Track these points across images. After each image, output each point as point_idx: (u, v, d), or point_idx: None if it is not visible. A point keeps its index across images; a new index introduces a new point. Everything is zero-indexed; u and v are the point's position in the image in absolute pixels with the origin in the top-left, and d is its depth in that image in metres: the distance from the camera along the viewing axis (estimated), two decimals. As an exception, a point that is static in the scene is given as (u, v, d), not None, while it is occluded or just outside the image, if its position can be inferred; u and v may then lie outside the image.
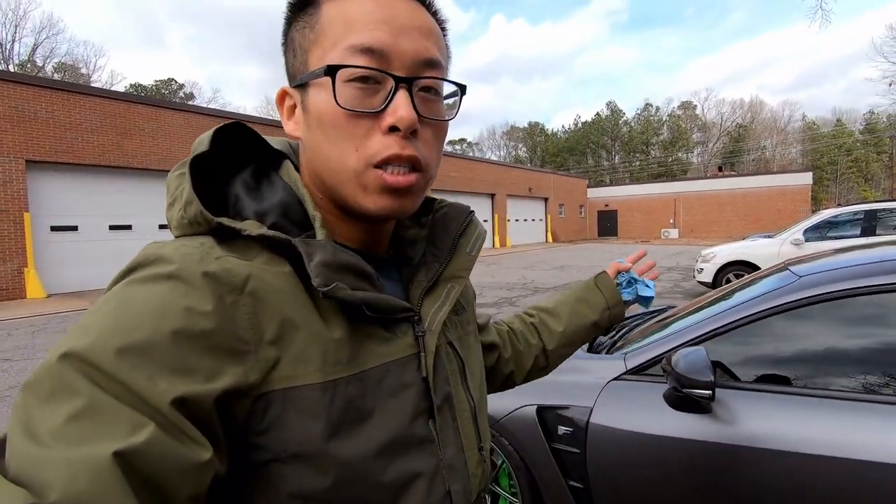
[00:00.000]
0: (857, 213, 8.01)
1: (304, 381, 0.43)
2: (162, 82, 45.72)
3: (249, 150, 0.55)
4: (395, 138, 0.47)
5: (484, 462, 0.59)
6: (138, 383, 0.36)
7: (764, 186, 28.82)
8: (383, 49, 0.46)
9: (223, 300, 0.42)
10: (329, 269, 0.45)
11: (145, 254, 0.44)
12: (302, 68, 0.50)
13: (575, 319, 0.92)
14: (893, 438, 1.25)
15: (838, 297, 1.47)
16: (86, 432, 0.33)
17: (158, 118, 11.67)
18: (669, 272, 12.45)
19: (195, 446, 0.37)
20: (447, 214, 0.62)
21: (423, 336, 0.53)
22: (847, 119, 52.32)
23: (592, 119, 59.45)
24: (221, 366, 0.40)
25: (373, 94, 0.47)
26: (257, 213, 0.49)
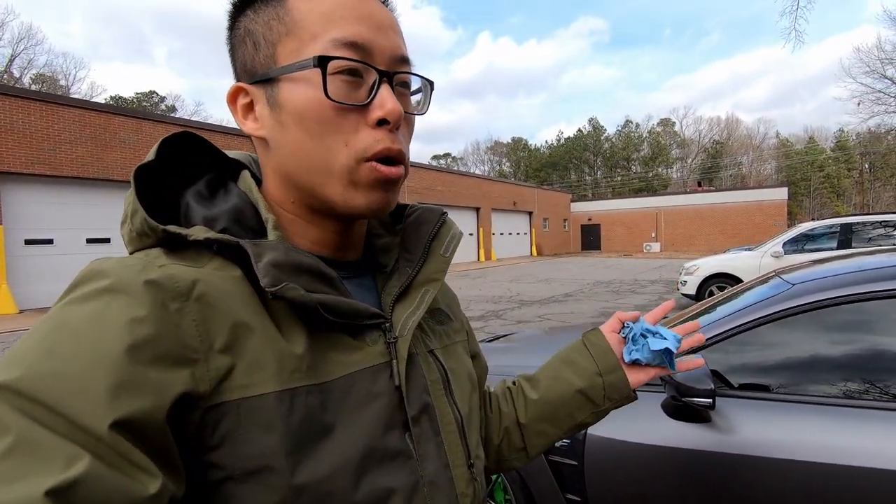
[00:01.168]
0: (832, 226, 8.26)
1: (259, 391, 0.40)
2: (143, 95, 45.21)
3: (208, 163, 0.54)
4: (385, 132, 0.46)
5: (475, 480, 0.55)
6: (74, 410, 0.33)
7: (741, 201, 29.56)
8: (365, 44, 0.46)
9: (166, 307, 0.39)
10: (278, 268, 0.43)
11: (84, 271, 0.41)
12: (268, 62, 0.47)
13: (555, 387, 0.73)
14: (883, 443, 1.25)
15: (831, 304, 1.48)
16: (18, 471, 0.30)
17: (140, 130, 11.52)
18: (653, 285, 12.60)
19: (142, 476, 0.34)
20: (419, 217, 0.60)
21: (394, 343, 0.50)
22: (818, 136, 54.17)
23: (575, 134, 60.48)
24: (168, 377, 0.37)
25: (357, 88, 0.46)
26: (206, 219, 0.47)
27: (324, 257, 0.51)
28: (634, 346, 0.72)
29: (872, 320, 1.48)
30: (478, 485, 0.56)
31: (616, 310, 6.34)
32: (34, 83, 36.10)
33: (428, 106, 0.54)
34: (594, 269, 18.52)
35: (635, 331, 0.73)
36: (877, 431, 1.29)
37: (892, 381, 1.39)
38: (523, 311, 8.92)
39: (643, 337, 0.72)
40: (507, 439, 0.75)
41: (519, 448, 0.75)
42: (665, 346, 0.70)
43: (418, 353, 0.54)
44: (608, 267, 19.26)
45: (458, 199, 21.96)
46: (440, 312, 0.63)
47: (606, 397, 0.72)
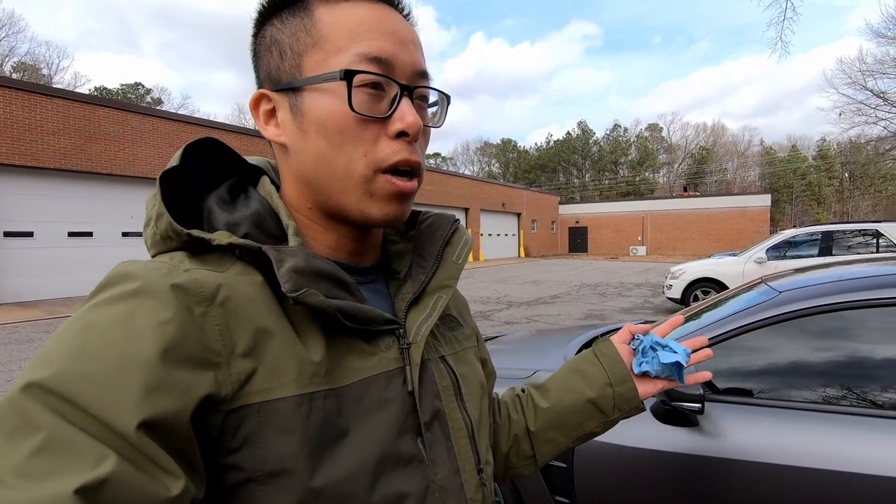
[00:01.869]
0: (813, 234, 8.43)
1: (279, 395, 0.41)
2: (128, 86, 44.41)
3: (229, 167, 0.55)
4: (403, 143, 0.48)
5: (484, 486, 0.56)
6: (103, 410, 0.34)
7: (726, 207, 30.03)
8: (389, 59, 0.48)
9: (191, 311, 0.40)
10: (300, 275, 0.44)
11: (112, 273, 0.42)
12: (293, 72, 0.48)
13: (567, 397, 0.74)
14: (883, 450, 1.28)
15: (817, 312, 1.52)
16: (48, 468, 0.31)
17: (125, 122, 11.31)
18: (639, 288, 12.74)
19: (165, 477, 0.35)
20: (432, 224, 0.61)
21: (407, 349, 0.51)
22: (801, 145, 55.26)
23: (564, 137, 60.91)
24: (193, 379, 0.38)
25: (379, 101, 0.48)
26: (228, 224, 0.49)
27: (340, 263, 0.52)
28: (644, 359, 0.73)
29: (855, 328, 1.52)
30: (487, 490, 0.57)
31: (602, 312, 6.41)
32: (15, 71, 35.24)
33: (444, 119, 0.55)
34: (581, 271, 18.67)
35: (645, 343, 0.74)
36: (858, 437, 1.32)
37: (873, 388, 1.43)
38: (511, 312, 8.96)
39: (653, 350, 0.73)
40: (515, 447, 0.75)
41: (528, 456, 0.76)
42: (675, 360, 0.71)
43: (430, 358, 0.54)
44: (595, 269, 19.43)
45: (448, 199, 21.97)
46: (451, 318, 0.64)
47: (616, 408, 0.73)
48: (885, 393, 1.41)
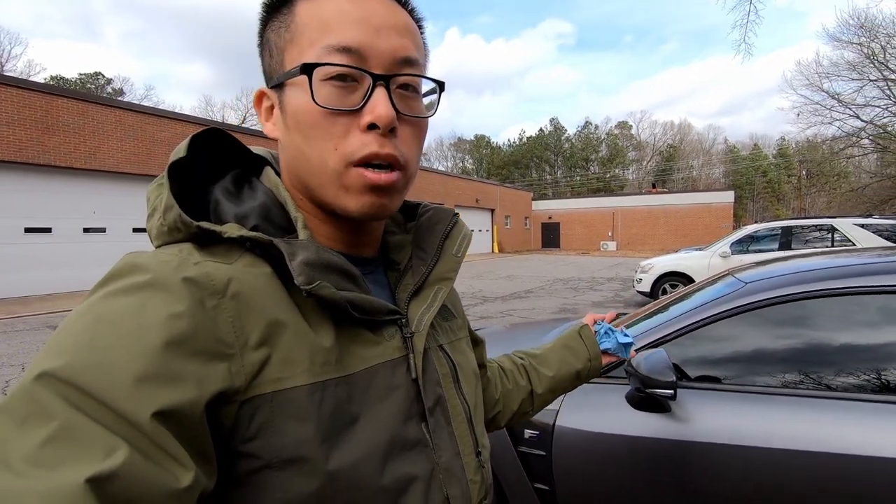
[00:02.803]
0: (774, 229, 8.81)
1: (293, 384, 0.42)
2: (87, 76, 42.50)
3: (230, 157, 0.55)
4: (374, 136, 0.47)
5: (482, 468, 0.58)
6: (117, 400, 0.34)
7: (692, 203, 30.98)
8: (360, 48, 0.46)
9: (204, 304, 0.40)
10: (312, 267, 0.45)
11: (121, 264, 0.42)
12: (278, 68, 0.49)
13: (563, 367, 0.92)
14: (838, 431, 1.37)
15: (781, 301, 1.60)
16: (59, 457, 0.31)
17: (86, 113, 10.85)
18: (610, 282, 13.03)
19: (176, 468, 0.35)
20: (432, 218, 0.63)
21: (410, 338, 0.53)
22: (762, 144, 57.42)
23: (537, 134, 61.52)
24: (207, 371, 0.38)
25: (351, 93, 0.47)
26: (237, 217, 0.49)
27: (342, 253, 0.52)
28: (606, 339, 0.98)
29: (815, 317, 1.61)
30: (485, 472, 0.59)
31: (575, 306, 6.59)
32: (-37, 58, 33.32)
33: (437, 108, 0.54)
34: (554, 266, 18.95)
35: (603, 328, 1.00)
36: (817, 418, 1.41)
37: (831, 372, 1.52)
38: (486, 307, 9.04)
39: (608, 333, 0.99)
40: (521, 406, 0.89)
41: (526, 412, 0.90)
42: (629, 341, 0.99)
43: (430, 347, 0.56)
44: (567, 264, 19.76)
45: (422, 195, 21.93)
46: (446, 310, 0.65)
47: (589, 375, 0.96)
48: (842, 377, 1.50)
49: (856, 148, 21.43)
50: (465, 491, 0.54)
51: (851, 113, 19.68)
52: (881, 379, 1.46)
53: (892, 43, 18.37)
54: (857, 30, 18.90)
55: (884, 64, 18.53)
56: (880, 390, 1.44)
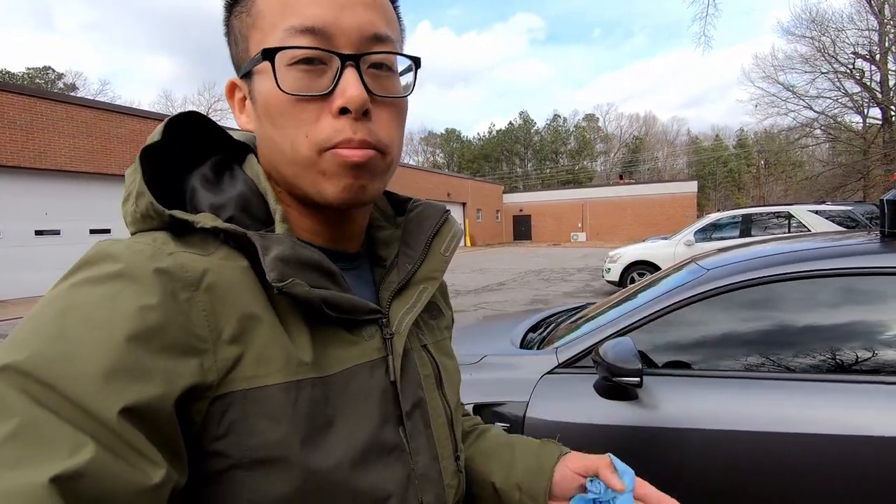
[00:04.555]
0: (735, 217, 9.13)
1: (267, 382, 0.40)
2: (36, 70, 40.35)
3: (211, 143, 0.52)
4: (347, 121, 0.44)
5: (460, 472, 0.56)
6: (83, 396, 0.32)
7: (658, 194, 31.82)
8: (325, 27, 0.43)
9: (176, 297, 0.38)
10: (285, 263, 0.42)
11: (93, 252, 0.40)
12: (244, 56, 0.46)
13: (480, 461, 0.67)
14: (803, 412, 1.41)
15: (742, 286, 1.64)
16: (21, 455, 0.29)
17: (33, 109, 10.30)
18: (580, 273, 13.25)
19: (146, 464, 0.33)
20: (422, 213, 0.60)
21: (390, 339, 0.50)
22: (723, 135, 59.34)
23: (506, 127, 61.88)
24: (178, 366, 0.36)
25: (319, 76, 0.44)
26: (213, 206, 0.46)
27: (324, 248, 0.50)
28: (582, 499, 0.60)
29: (776, 299, 1.65)
30: (462, 476, 0.57)
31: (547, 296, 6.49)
32: None
33: (413, 87, 0.50)
34: (526, 258, 19.15)
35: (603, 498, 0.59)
36: (780, 400, 1.45)
37: (792, 354, 1.56)
38: (459, 300, 9.05)
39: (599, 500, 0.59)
40: None
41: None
42: None
43: (413, 348, 0.54)
44: (538, 256, 20.00)
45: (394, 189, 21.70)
46: (434, 307, 0.63)
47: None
48: (801, 358, 1.54)
49: (809, 138, 22.40)
50: (441, 496, 0.52)
51: (805, 104, 20.55)
52: (840, 359, 1.51)
53: (841, 37, 19.23)
54: (809, 24, 19.71)
55: (833, 57, 19.39)
56: (841, 370, 1.49)
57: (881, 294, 1.56)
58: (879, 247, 1.65)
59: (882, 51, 18.41)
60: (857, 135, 20.38)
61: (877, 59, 18.64)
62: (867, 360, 1.49)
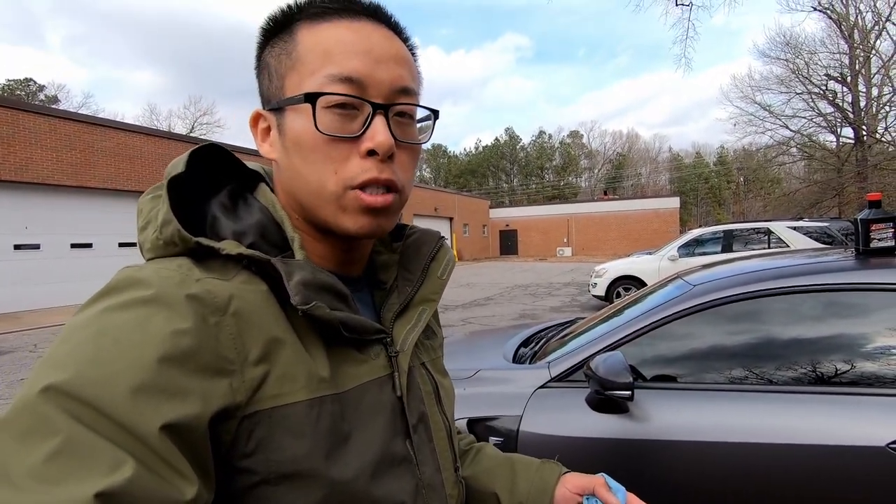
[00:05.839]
0: (717, 233, 9.36)
1: (291, 400, 0.43)
2: (17, 82, 39.78)
3: (224, 171, 0.55)
4: (373, 162, 0.49)
5: (459, 483, 0.60)
6: (123, 414, 0.34)
7: (641, 209, 32.34)
8: (361, 78, 0.48)
9: (206, 321, 0.41)
10: (308, 288, 0.46)
11: (119, 279, 0.42)
12: (278, 93, 0.51)
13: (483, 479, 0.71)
14: (773, 421, 1.46)
15: (727, 301, 1.69)
16: (64, 472, 0.31)
17: (15, 122, 10.15)
18: (567, 287, 13.35)
19: (180, 481, 0.35)
20: (419, 240, 0.64)
21: (396, 356, 0.54)
22: (704, 152, 60.74)
23: (492, 143, 62.57)
24: (211, 387, 0.39)
25: (351, 120, 0.49)
26: (235, 234, 0.50)
27: (332, 272, 0.53)
28: None
29: (761, 314, 1.71)
30: (461, 486, 0.61)
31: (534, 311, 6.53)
32: None
33: (431, 135, 0.57)
34: (512, 273, 19.24)
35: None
36: (766, 411, 1.49)
37: (779, 367, 1.62)
38: (447, 315, 9.05)
39: None
40: None
41: None
42: None
43: (414, 365, 0.58)
44: (525, 271, 20.10)
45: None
46: (428, 328, 0.66)
47: None
48: (784, 371, 1.60)
49: (786, 156, 23.04)
50: None
51: (781, 123, 21.17)
52: (822, 371, 1.57)
53: (814, 60, 19.96)
54: (784, 47, 20.42)
55: (807, 78, 20.07)
56: (824, 382, 1.55)
57: (860, 308, 1.63)
58: (856, 264, 1.73)
59: (853, 73, 19.15)
60: (832, 153, 21.04)
61: (848, 81, 19.37)
62: (847, 371, 1.55)
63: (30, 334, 8.08)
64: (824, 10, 18.98)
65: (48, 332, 8.28)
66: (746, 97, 21.69)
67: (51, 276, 10.92)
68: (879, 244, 1.77)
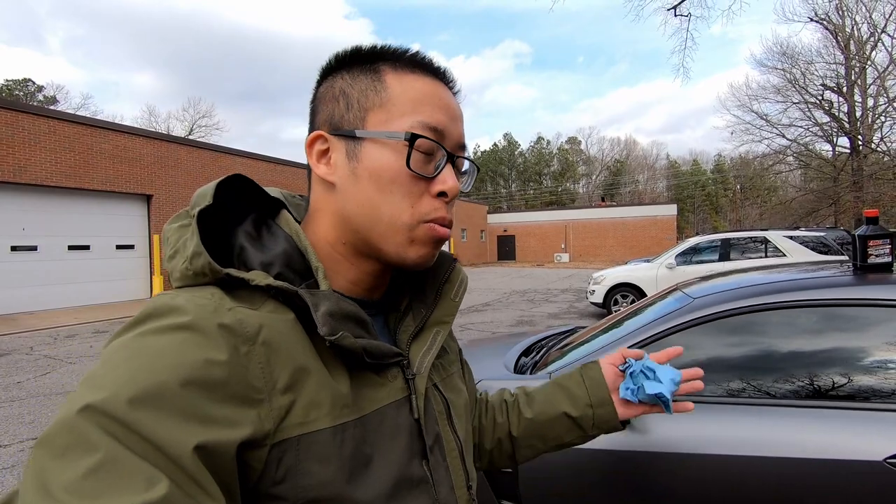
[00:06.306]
0: (714, 241, 9.39)
1: (317, 427, 0.45)
2: (15, 82, 39.70)
3: (246, 197, 0.57)
4: (442, 202, 0.55)
5: (473, 500, 0.62)
6: (158, 434, 0.36)
7: (639, 216, 32.43)
8: (443, 129, 0.55)
9: (238, 350, 0.43)
10: (334, 318, 0.48)
11: (156, 305, 0.44)
12: (357, 123, 0.54)
13: (548, 409, 0.79)
14: (775, 436, 1.47)
15: (727, 315, 1.71)
16: (102, 488, 0.33)
17: (15, 123, 10.14)
18: (564, 294, 13.37)
19: (208, 502, 0.37)
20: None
21: (412, 379, 0.56)
22: (701, 160, 61.09)
23: (491, 148, 62.74)
24: (239, 415, 0.41)
25: (428, 163, 0.54)
26: (262, 264, 0.51)
27: (356, 297, 0.57)
28: (632, 385, 0.75)
29: (760, 328, 1.73)
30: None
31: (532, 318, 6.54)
32: None
33: (470, 185, 0.64)
34: (510, 278, 19.25)
35: (635, 368, 0.75)
36: (765, 424, 1.51)
37: (779, 380, 1.63)
38: (445, 321, 9.03)
39: (643, 374, 0.74)
40: (498, 448, 0.82)
41: (508, 455, 0.83)
42: (659, 391, 0.73)
43: (429, 386, 0.59)
44: (523, 276, 20.12)
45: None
46: (443, 349, 0.68)
47: (595, 426, 0.79)
48: (786, 384, 1.61)
49: (783, 164, 23.20)
50: None
51: (778, 132, 21.35)
52: (824, 385, 1.59)
53: (811, 69, 20.14)
54: (781, 57, 20.62)
55: (804, 88, 20.26)
56: (826, 396, 1.56)
57: (859, 323, 1.65)
58: (854, 279, 1.75)
59: (849, 84, 19.33)
60: (828, 162, 21.22)
61: (844, 91, 19.55)
62: (846, 386, 1.56)
63: (26, 337, 8.04)
64: (821, 20, 19.18)
65: (45, 334, 8.24)
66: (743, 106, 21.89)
67: (48, 279, 10.87)
68: (877, 260, 1.79)
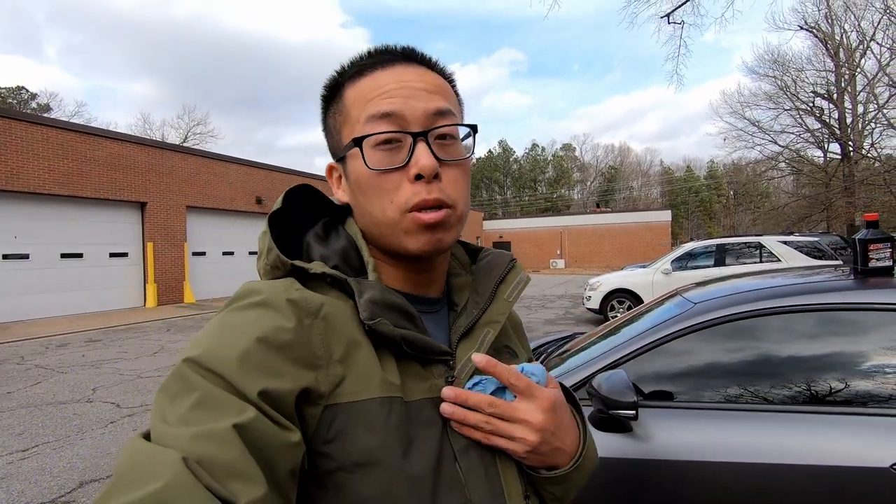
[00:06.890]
0: (709, 247, 9.43)
1: (366, 396, 0.49)
2: (8, 90, 39.51)
3: (320, 206, 0.65)
4: (421, 185, 0.54)
5: None
6: (235, 379, 0.44)
7: (633, 222, 32.59)
8: (397, 111, 0.54)
9: (302, 322, 0.50)
10: (376, 305, 0.52)
11: (242, 290, 0.53)
12: (338, 146, 0.60)
13: None
14: (779, 442, 1.46)
15: (730, 320, 1.70)
16: (204, 416, 0.42)
17: (7, 131, 10.07)
18: (561, 300, 13.37)
19: (287, 429, 0.44)
20: (490, 262, 0.67)
21: (451, 381, 0.56)
22: (694, 166, 61.50)
23: (486, 155, 62.93)
24: (300, 373, 0.47)
25: (397, 153, 0.55)
26: (322, 257, 0.59)
27: (409, 294, 0.60)
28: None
29: (763, 332, 1.72)
30: None
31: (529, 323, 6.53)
32: None
33: (473, 149, 0.62)
34: (506, 285, 19.19)
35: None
36: (766, 430, 1.49)
37: (777, 385, 1.62)
38: (441, 327, 9.00)
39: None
40: None
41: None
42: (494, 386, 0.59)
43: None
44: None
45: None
46: (507, 349, 0.67)
47: None
48: (785, 389, 1.60)
49: (775, 171, 23.41)
50: None
51: (770, 139, 21.55)
52: (829, 391, 1.58)
53: (802, 77, 20.39)
54: (772, 64, 20.87)
55: (795, 95, 20.50)
56: (831, 402, 1.55)
57: (862, 327, 1.65)
58: (855, 283, 1.75)
59: (839, 91, 19.56)
60: (819, 168, 21.41)
61: (834, 98, 19.78)
62: (850, 391, 1.55)
63: (18, 345, 7.94)
64: (810, 29, 19.45)
65: (37, 343, 8.14)
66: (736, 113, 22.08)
67: (40, 287, 10.76)
68: (878, 264, 1.79)
